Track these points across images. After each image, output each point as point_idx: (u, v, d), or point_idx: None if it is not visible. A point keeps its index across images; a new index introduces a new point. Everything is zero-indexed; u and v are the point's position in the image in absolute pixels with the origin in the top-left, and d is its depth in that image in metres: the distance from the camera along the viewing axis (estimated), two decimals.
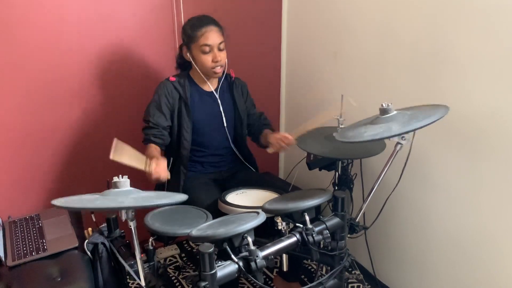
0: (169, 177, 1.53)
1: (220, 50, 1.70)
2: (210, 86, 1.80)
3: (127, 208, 1.13)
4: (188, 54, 1.73)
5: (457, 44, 1.41)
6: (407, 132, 1.24)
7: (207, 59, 1.69)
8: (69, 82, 1.84)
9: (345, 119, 1.54)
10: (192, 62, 1.73)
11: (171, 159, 1.81)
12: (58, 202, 1.05)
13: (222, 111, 1.82)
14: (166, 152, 1.84)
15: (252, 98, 1.98)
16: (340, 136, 1.29)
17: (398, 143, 1.33)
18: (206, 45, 1.67)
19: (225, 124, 1.83)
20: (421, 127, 1.17)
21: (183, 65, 1.82)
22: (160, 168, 1.48)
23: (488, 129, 1.37)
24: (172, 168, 1.80)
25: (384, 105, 1.28)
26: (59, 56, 1.78)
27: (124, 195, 1.12)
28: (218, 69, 1.71)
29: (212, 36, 1.67)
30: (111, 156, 1.27)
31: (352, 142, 1.24)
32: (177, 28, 2.00)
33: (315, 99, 2.17)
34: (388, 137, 1.23)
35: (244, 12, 2.17)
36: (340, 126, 1.54)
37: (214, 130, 1.84)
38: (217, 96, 1.81)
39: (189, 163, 1.83)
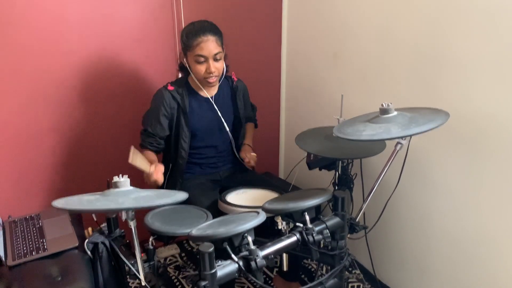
0: (162, 181, 1.57)
1: (216, 60, 1.65)
2: (206, 93, 1.78)
3: (128, 209, 1.13)
4: (185, 60, 1.71)
5: (456, 45, 1.41)
6: (405, 137, 1.24)
7: (201, 69, 1.65)
8: (69, 83, 1.84)
9: (345, 119, 1.54)
10: (188, 69, 1.72)
11: (170, 165, 1.81)
12: (58, 203, 1.06)
13: (221, 116, 1.80)
14: (164, 160, 1.83)
15: (249, 99, 1.99)
16: (338, 131, 1.28)
17: (398, 142, 1.34)
18: (201, 55, 1.62)
19: (227, 129, 1.82)
20: (420, 133, 1.17)
21: (184, 70, 1.82)
22: (157, 171, 1.55)
23: (488, 130, 1.37)
24: (169, 176, 1.80)
25: (384, 105, 1.28)
26: (59, 57, 1.78)
27: (124, 195, 1.12)
28: (212, 79, 1.67)
29: (208, 47, 1.61)
30: (130, 160, 1.41)
31: (349, 140, 1.23)
32: (177, 29, 2.00)
33: (315, 100, 2.18)
34: (386, 139, 1.23)
35: (244, 13, 2.17)
36: None
37: (213, 135, 1.83)
38: (213, 102, 1.80)
39: (188, 165, 1.83)
